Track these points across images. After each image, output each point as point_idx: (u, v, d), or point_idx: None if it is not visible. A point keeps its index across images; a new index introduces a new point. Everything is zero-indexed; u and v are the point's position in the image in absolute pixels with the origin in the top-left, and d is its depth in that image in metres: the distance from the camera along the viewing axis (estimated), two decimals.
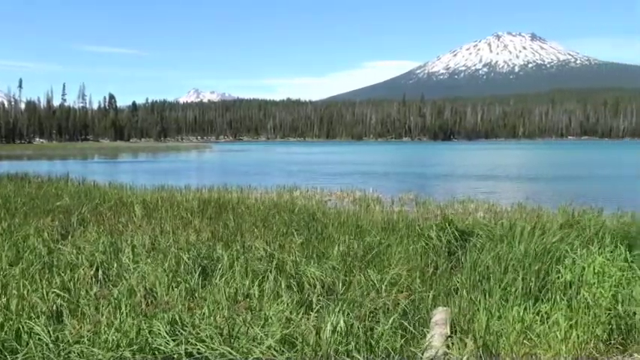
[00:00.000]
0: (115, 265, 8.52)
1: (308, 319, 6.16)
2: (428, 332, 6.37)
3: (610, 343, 6.78)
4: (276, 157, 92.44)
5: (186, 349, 5.48)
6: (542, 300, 7.16)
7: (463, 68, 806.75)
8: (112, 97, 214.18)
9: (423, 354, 6.03)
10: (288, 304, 6.59)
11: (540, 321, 6.79)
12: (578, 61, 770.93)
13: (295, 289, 7.33)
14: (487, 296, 7.21)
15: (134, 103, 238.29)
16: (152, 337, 5.66)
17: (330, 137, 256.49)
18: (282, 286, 7.30)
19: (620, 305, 7.00)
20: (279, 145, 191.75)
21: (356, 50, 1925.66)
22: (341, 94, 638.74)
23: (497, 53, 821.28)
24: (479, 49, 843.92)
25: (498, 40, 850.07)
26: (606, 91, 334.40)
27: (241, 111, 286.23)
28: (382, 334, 6.05)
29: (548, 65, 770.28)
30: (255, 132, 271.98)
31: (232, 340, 5.62)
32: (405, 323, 6.38)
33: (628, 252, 7.87)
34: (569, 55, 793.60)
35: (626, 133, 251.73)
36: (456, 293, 7.49)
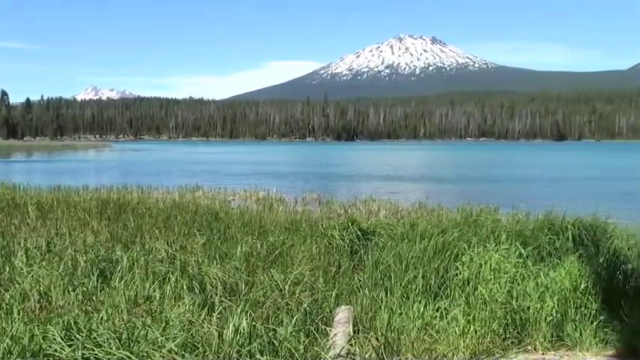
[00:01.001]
0: (7, 268, 8.13)
1: (210, 320, 6.07)
2: (331, 331, 6.39)
3: (506, 337, 7.00)
4: (179, 156, 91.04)
5: (82, 354, 5.28)
6: (442, 296, 7.33)
7: (366, 70, 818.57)
8: (4, 93, 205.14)
9: (326, 353, 6.04)
10: (189, 306, 6.47)
11: (440, 317, 6.94)
12: (476, 65, 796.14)
13: (197, 291, 7.21)
14: (389, 294, 7.32)
15: (28, 100, 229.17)
16: (46, 343, 5.43)
17: (234, 137, 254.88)
18: (184, 287, 7.16)
19: (514, 300, 7.24)
20: (182, 144, 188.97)
21: (258, 49, 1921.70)
22: (244, 94, 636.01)
23: (399, 55, 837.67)
24: (381, 51, 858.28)
25: (400, 42, 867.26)
26: (503, 94, 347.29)
27: (142, 109, 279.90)
28: (285, 335, 6.03)
29: (448, 68, 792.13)
30: (156, 131, 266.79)
31: (131, 344, 5.46)
32: (309, 323, 6.39)
33: (522, 249, 8.16)
34: (468, 58, 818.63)
35: (521, 134, 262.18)
36: (359, 292, 7.56)
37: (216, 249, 9.09)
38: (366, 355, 6.09)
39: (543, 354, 6.98)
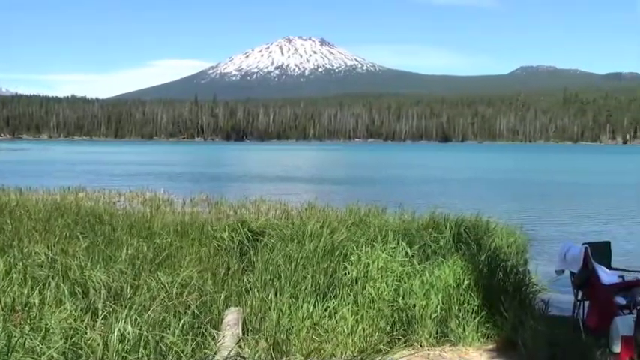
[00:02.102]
0: None
1: (94, 326, 5.85)
2: (220, 333, 6.32)
3: (393, 334, 7.15)
4: (60, 156, 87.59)
5: None
6: (331, 296, 7.39)
7: (255, 70, 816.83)
8: None
9: (214, 355, 5.96)
10: (72, 312, 6.21)
11: (329, 316, 7.00)
12: (364, 67, 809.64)
13: (80, 296, 6.93)
14: (278, 294, 7.30)
15: None
16: None
17: (119, 137, 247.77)
18: (66, 292, 6.87)
19: (401, 298, 7.41)
20: (64, 144, 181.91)
21: (144, 47, 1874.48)
22: (130, 93, 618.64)
23: (289, 56, 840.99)
24: (270, 52, 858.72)
25: (289, 43, 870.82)
26: (390, 96, 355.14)
27: (20, 107, 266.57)
28: (173, 338, 5.90)
29: (336, 70, 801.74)
30: (36, 130, 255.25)
31: (9, 354, 5.18)
32: (197, 326, 6.29)
33: (408, 248, 8.35)
34: (357, 60, 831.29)
35: (408, 136, 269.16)
36: (248, 293, 7.51)
37: (100, 252, 8.78)
38: (256, 356, 6.05)
39: (428, 350, 7.18)
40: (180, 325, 6.08)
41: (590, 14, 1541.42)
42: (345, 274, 7.77)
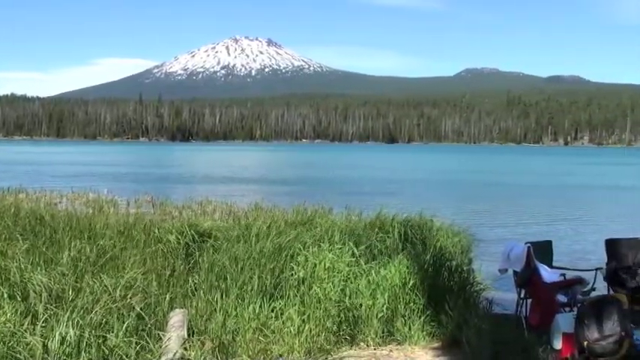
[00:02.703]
0: None
1: (34, 330, 5.70)
2: (164, 335, 6.24)
3: (339, 335, 7.18)
4: None
5: None
6: (277, 297, 7.36)
7: (201, 70, 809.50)
8: None
9: (159, 358, 5.89)
10: (11, 316, 6.04)
11: (275, 317, 6.98)
12: (311, 68, 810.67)
13: (20, 299, 6.75)
14: (224, 296, 7.24)
15: None
16: None
17: (61, 136, 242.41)
18: (5, 296, 6.68)
19: (348, 298, 7.43)
20: (3, 143, 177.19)
21: (86, 45, 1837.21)
22: (72, 91, 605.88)
23: (235, 56, 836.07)
24: (217, 52, 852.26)
25: (236, 43, 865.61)
26: (337, 97, 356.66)
27: None
28: (116, 341, 5.81)
29: (283, 70, 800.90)
30: None
31: None
32: (141, 328, 6.19)
33: (355, 248, 8.38)
34: (303, 61, 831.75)
35: (355, 137, 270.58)
36: (194, 295, 7.43)
37: (41, 254, 8.56)
38: (201, 358, 6.01)
39: (374, 349, 7.22)
40: (124, 327, 5.99)
41: (533, 18, 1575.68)
42: (292, 274, 7.75)
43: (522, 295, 8.20)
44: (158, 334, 6.23)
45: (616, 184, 48.04)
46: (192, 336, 6.36)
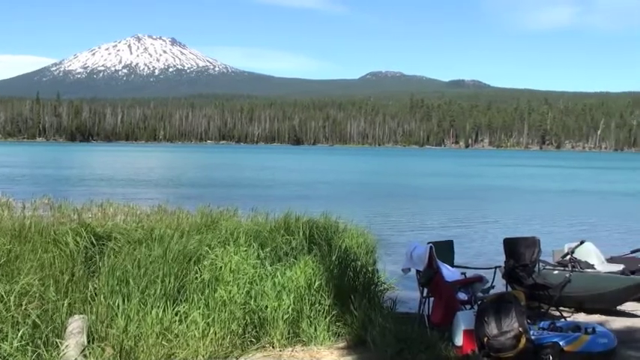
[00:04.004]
0: None
1: None
2: (62, 343, 6.02)
3: (245, 337, 7.13)
4: None
5: None
6: (181, 300, 7.24)
7: (102, 68, 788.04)
8: None
9: None
10: None
11: (179, 321, 6.87)
12: (216, 68, 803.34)
13: None
14: (126, 300, 7.05)
15: None
16: None
17: None
18: None
19: (253, 301, 7.39)
20: None
21: None
22: None
23: (138, 55, 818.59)
24: (119, 50, 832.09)
25: (139, 42, 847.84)
26: (242, 98, 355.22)
27: None
28: (10, 350, 5.56)
29: (188, 70, 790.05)
30: None
31: None
32: (37, 335, 5.96)
33: (260, 250, 8.34)
34: (208, 61, 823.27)
35: (260, 138, 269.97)
36: (94, 300, 7.20)
37: None
38: None
39: (280, 351, 7.20)
40: (19, 335, 5.75)
41: (436, 24, 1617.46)
42: (197, 277, 7.63)
43: (425, 294, 8.38)
44: (56, 341, 6.01)
45: (515, 185, 49.92)
46: (93, 342, 6.18)
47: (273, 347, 7.26)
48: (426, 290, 8.36)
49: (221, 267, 7.67)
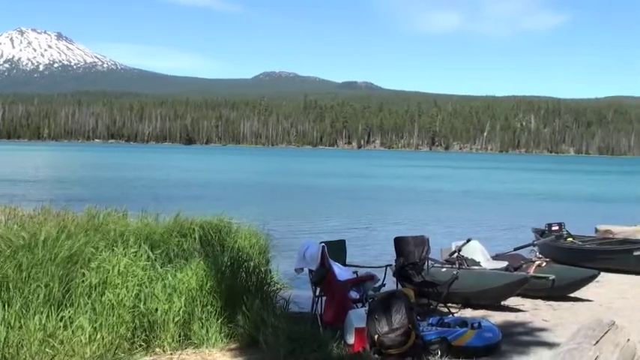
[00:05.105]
0: None
1: None
2: None
3: (134, 341, 6.96)
4: None
5: None
6: (67, 305, 6.98)
7: None
8: None
9: None
10: None
11: (64, 327, 6.62)
12: (105, 65, 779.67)
13: None
14: (7, 307, 6.72)
15: None
16: None
17: None
18: None
19: (143, 304, 7.22)
20: None
21: None
22: None
23: (21, 50, 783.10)
24: (0, 44, 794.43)
25: (22, 35, 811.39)
26: (132, 96, 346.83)
27: None
28: None
29: (75, 66, 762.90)
30: None
31: None
32: None
33: (151, 252, 8.15)
34: (97, 58, 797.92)
35: (151, 137, 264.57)
36: None
37: None
38: None
39: (171, 354, 7.08)
40: None
41: (329, 25, 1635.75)
42: (83, 281, 7.36)
43: (317, 293, 8.44)
44: None
45: (407, 185, 51.19)
46: None
47: (163, 351, 7.13)
48: (318, 289, 8.43)
49: (109, 270, 7.44)
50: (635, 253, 13.14)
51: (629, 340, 5.82)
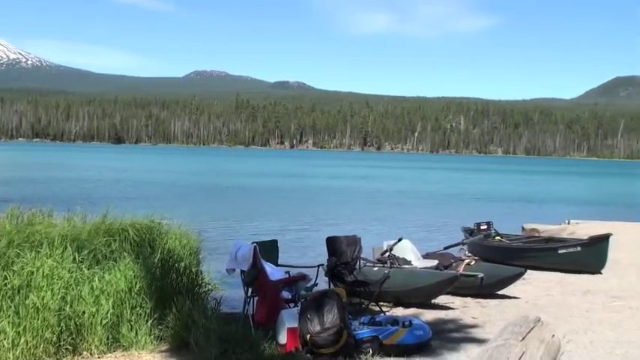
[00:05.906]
0: None
1: None
2: None
3: (60, 345, 6.79)
4: None
5: None
6: None
7: None
8: None
9: None
10: None
11: None
12: (29, 62, 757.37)
13: None
14: None
15: None
16: None
17: None
18: None
19: (69, 306, 7.03)
20: None
21: None
22: None
23: None
24: None
25: None
26: (58, 94, 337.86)
27: None
28: None
29: None
30: None
31: None
32: None
33: (77, 253, 7.93)
34: (20, 54, 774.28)
35: (78, 136, 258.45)
36: None
37: None
38: None
39: (99, 357, 6.94)
40: None
41: (261, 24, 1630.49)
42: (5, 284, 7.11)
43: (249, 294, 8.39)
44: None
45: (340, 185, 51.51)
46: None
47: (90, 354, 6.97)
48: (250, 290, 8.38)
49: (33, 272, 7.21)
50: (560, 251, 13.53)
51: (554, 335, 5.97)
